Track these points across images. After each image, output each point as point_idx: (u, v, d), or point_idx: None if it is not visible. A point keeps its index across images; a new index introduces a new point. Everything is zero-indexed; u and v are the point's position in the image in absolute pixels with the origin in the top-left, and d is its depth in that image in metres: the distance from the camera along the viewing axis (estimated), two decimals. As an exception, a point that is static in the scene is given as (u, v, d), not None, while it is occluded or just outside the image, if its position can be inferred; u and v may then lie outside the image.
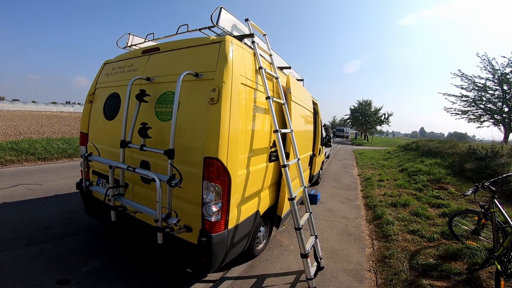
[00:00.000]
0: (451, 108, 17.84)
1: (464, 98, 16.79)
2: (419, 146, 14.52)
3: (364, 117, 41.26)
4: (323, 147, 7.53)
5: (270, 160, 2.98)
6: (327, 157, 14.19)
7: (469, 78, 16.16)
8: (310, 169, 6.24)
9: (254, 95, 2.56)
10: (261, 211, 2.91)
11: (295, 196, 2.58)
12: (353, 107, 43.93)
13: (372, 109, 41.47)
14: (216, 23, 2.44)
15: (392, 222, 4.57)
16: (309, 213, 3.00)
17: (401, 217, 4.85)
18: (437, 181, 7.71)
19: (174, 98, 2.06)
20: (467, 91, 16.64)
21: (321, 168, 8.03)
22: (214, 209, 2.10)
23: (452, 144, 12.13)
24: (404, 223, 4.63)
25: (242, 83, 2.30)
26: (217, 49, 2.21)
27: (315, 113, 6.51)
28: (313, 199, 5.61)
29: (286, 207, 3.36)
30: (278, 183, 3.31)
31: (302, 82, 5.10)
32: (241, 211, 2.43)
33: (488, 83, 15.51)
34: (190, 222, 2.26)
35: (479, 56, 15.43)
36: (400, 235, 4.12)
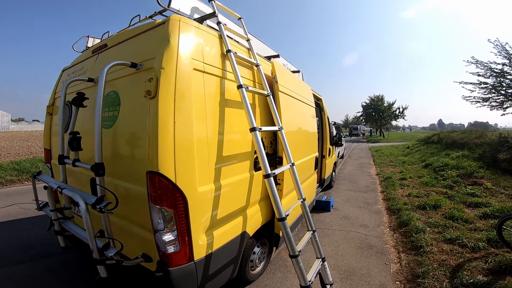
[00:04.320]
0: (470, 96, 16.64)
1: (483, 85, 15.57)
2: (441, 138, 13.36)
3: (378, 113, 39.61)
4: (334, 146, 6.81)
5: (256, 169, 2.37)
6: (341, 157, 13.34)
7: (485, 64, 15.03)
8: (320, 172, 5.55)
9: (222, 86, 1.99)
10: (251, 231, 2.30)
11: (287, 215, 1.97)
12: (365, 104, 42.31)
13: (385, 104, 39.81)
14: (168, 6, 1.97)
15: (423, 229, 3.80)
16: (311, 232, 2.34)
17: (433, 222, 4.06)
18: (469, 175, 6.76)
19: (97, 97, 1.58)
20: (484, 77, 15.45)
21: (334, 170, 7.28)
22: (169, 237, 1.54)
23: (479, 134, 11.00)
24: (438, 229, 3.84)
25: (196, 69, 1.73)
26: (161, 32, 1.72)
27: (321, 109, 5.84)
28: (326, 206, 4.90)
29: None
30: None
31: (299, 74, 4.44)
32: (215, 237, 1.86)
33: (506, 68, 14.35)
34: (149, 250, 1.72)
35: (491, 42, 14.32)
36: (434, 246, 3.36)
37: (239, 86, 1.98)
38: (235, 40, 2.50)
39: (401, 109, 38.38)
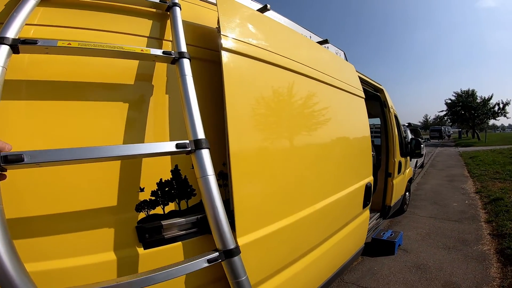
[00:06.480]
0: None
1: None
2: None
3: (469, 111, 32.57)
4: (407, 158, 4.98)
5: (148, 243, 1.04)
6: (421, 167, 10.73)
7: None
8: (384, 197, 4.02)
9: None
10: None
11: None
12: (449, 101, 35.49)
13: (478, 100, 32.56)
14: None
15: None
16: None
17: None
18: None
19: None
20: None
21: (409, 189, 5.39)
22: None
23: None
24: None
25: None
26: None
27: (382, 105, 4.28)
28: (388, 247, 3.29)
29: None
30: None
31: (330, 47, 2.76)
32: None
33: None
34: None
35: None
36: None
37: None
38: None
39: (500, 105, 30.90)
